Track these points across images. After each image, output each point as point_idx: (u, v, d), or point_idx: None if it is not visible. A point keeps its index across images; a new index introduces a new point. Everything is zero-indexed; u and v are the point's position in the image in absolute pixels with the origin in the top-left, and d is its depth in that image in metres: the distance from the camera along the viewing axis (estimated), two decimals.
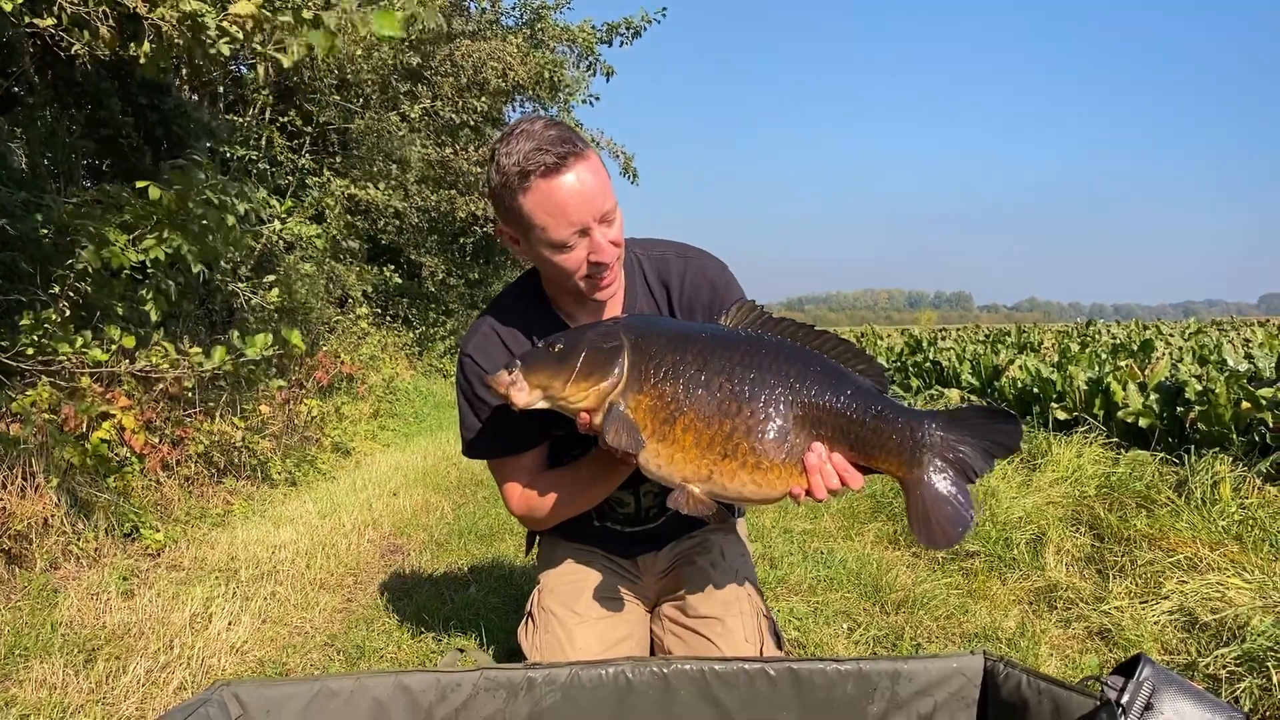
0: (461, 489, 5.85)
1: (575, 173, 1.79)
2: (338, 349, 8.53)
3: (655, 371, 1.67)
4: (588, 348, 1.70)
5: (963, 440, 1.67)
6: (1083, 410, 6.03)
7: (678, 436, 1.66)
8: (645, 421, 1.67)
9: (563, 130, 1.84)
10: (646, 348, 1.70)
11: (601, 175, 1.85)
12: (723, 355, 1.69)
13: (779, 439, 1.66)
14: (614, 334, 1.72)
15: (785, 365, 1.68)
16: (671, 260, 2.09)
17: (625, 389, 1.68)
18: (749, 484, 1.67)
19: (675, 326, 1.81)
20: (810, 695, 1.62)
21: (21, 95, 5.48)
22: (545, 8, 14.34)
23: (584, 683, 1.63)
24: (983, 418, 1.69)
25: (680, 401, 1.66)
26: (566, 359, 1.68)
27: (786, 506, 4.97)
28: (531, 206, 1.81)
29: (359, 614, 3.29)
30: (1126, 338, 12.41)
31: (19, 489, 3.64)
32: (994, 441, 1.68)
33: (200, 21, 2.84)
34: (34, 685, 2.49)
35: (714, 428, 1.65)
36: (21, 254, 4.35)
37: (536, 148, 1.78)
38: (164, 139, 6.07)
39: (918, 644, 2.92)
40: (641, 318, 1.91)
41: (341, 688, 1.59)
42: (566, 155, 1.78)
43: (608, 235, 1.85)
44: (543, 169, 1.78)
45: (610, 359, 1.68)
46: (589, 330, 1.75)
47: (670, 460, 1.67)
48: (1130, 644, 2.81)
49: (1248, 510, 3.79)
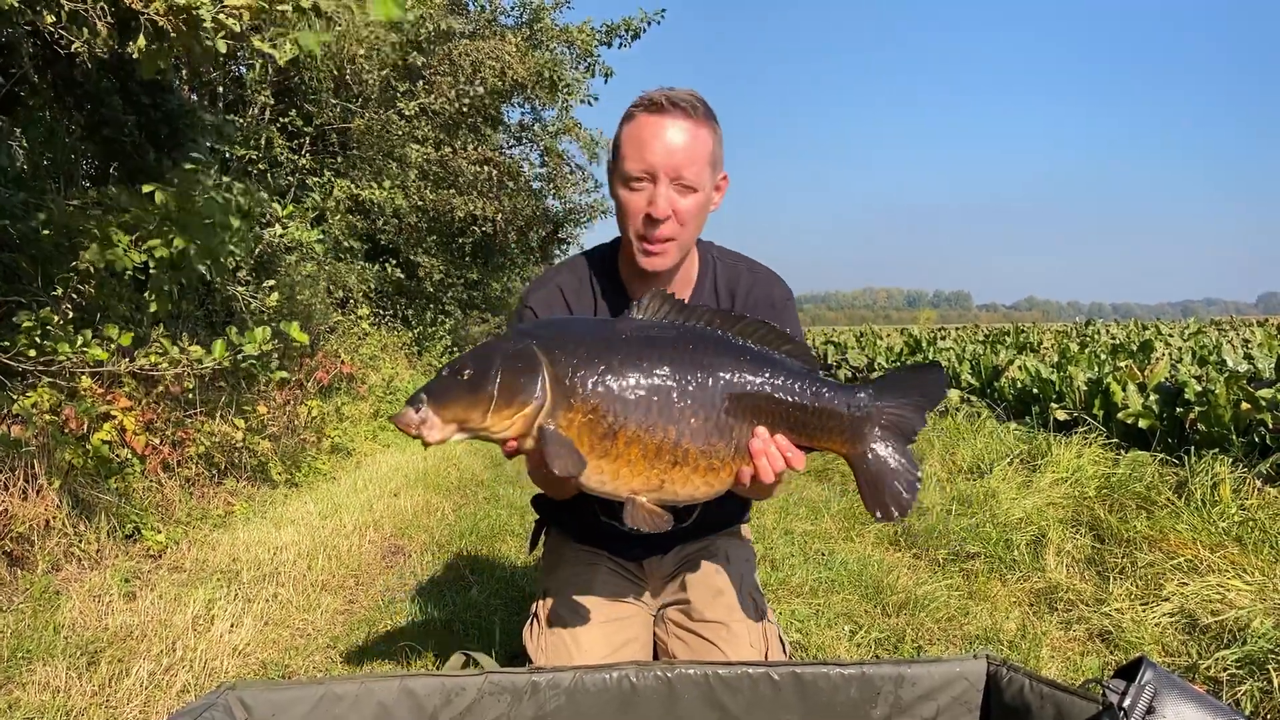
0: (462, 490, 5.85)
1: (675, 123, 1.84)
2: (338, 349, 8.54)
3: (583, 384, 1.55)
4: (502, 370, 1.54)
5: (894, 403, 1.68)
6: (1082, 411, 6.04)
7: (621, 450, 1.57)
8: (582, 438, 1.56)
9: (696, 98, 1.89)
10: (567, 359, 1.57)
11: (702, 146, 1.87)
12: (652, 356, 1.59)
13: (726, 436, 1.61)
14: (526, 349, 1.57)
15: (718, 358, 1.62)
16: (743, 273, 2.13)
17: (553, 408, 1.55)
18: (702, 486, 1.63)
19: (592, 329, 1.70)
20: (814, 699, 1.63)
21: (22, 95, 5.47)
22: (544, 7, 14.34)
23: (588, 687, 1.63)
24: (908, 374, 1.73)
25: (618, 413, 1.55)
26: (480, 386, 1.53)
27: (787, 508, 4.97)
28: (625, 134, 1.89)
29: (361, 616, 3.29)
30: (1126, 338, 12.43)
31: (20, 491, 3.64)
32: (923, 395, 1.71)
33: (195, 15, 2.82)
34: (37, 688, 2.49)
35: (659, 435, 1.57)
36: (22, 255, 4.35)
37: (663, 93, 1.86)
38: (167, 139, 6.05)
39: (919, 646, 2.93)
40: (551, 323, 1.79)
41: (346, 691, 1.59)
42: (676, 106, 1.84)
43: (675, 200, 1.86)
44: (648, 104, 1.86)
45: (529, 378, 1.54)
46: (497, 348, 1.60)
47: (616, 475, 1.58)
48: (1131, 646, 2.82)
49: (1248, 512, 3.80)
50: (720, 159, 1.95)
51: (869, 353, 13.50)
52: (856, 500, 5.10)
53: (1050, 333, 16.96)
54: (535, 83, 13.41)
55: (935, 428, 6.77)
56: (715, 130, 1.91)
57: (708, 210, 1.97)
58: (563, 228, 19.19)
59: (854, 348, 14.80)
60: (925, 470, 5.48)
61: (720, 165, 1.96)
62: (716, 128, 1.92)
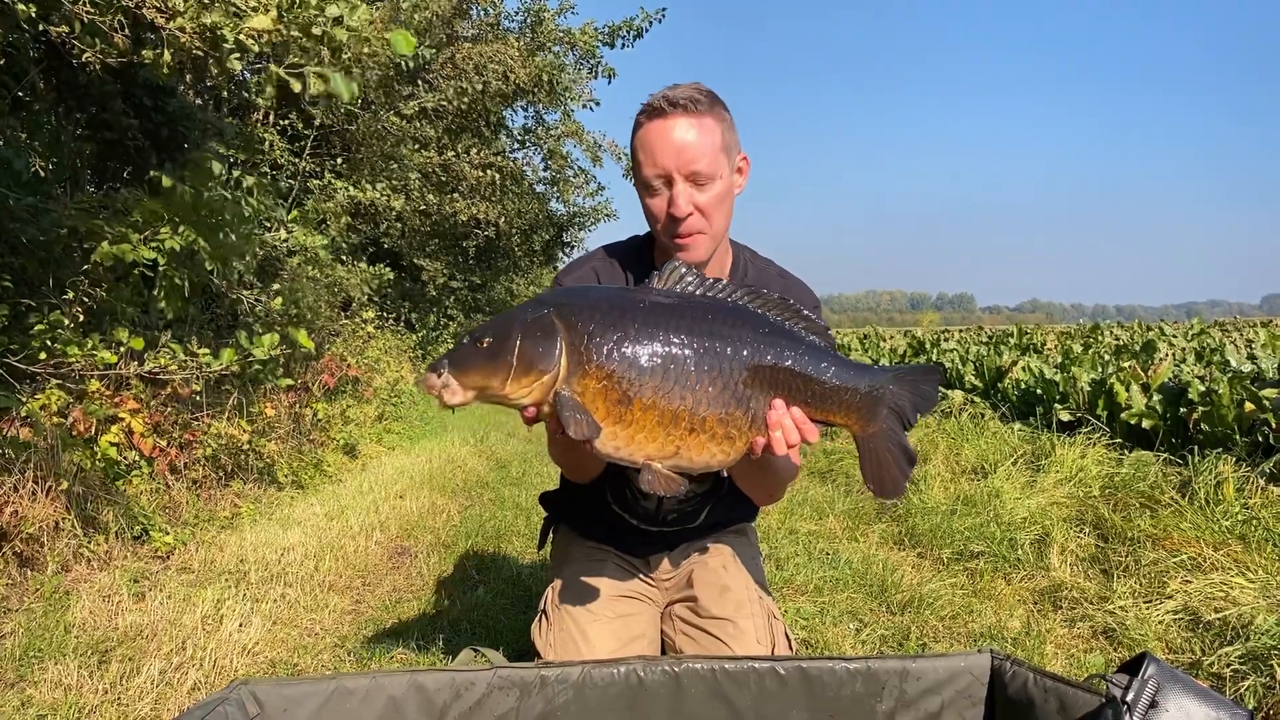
0: (467, 491, 5.87)
1: (679, 123, 1.87)
2: (343, 352, 8.55)
3: (598, 351, 1.56)
4: (520, 338, 1.57)
5: (903, 394, 1.72)
6: (1086, 411, 6.05)
7: (636, 417, 1.57)
8: (597, 405, 1.57)
9: (697, 91, 1.91)
10: (583, 326, 1.58)
11: (710, 138, 1.89)
12: (670, 324, 1.60)
13: (744, 405, 1.62)
14: (544, 318, 1.60)
15: (737, 328, 1.63)
16: (773, 277, 2.16)
17: (568, 375, 1.57)
18: (718, 454, 1.64)
19: (609, 297, 1.69)
20: (820, 694, 1.64)
21: (27, 100, 5.50)
22: (546, 11, 14.38)
23: (596, 681, 1.65)
24: (913, 371, 1.77)
25: (633, 380, 1.56)
26: (499, 355, 1.56)
27: (792, 508, 4.99)
28: (637, 143, 1.93)
29: (368, 615, 3.31)
30: (1130, 339, 12.43)
31: (30, 493, 3.67)
32: (924, 396, 1.75)
33: (219, 34, 2.85)
34: (49, 686, 2.51)
35: (675, 402, 1.57)
36: (30, 259, 4.38)
37: (666, 94, 1.89)
38: (168, 140, 6.08)
39: (924, 643, 2.94)
40: (570, 291, 1.79)
41: (357, 686, 1.61)
42: (677, 106, 1.87)
43: (693, 196, 1.89)
44: (651, 111, 1.89)
45: (547, 346, 1.56)
46: (516, 317, 1.62)
47: (630, 441, 1.59)
48: (1135, 643, 2.83)
49: (1251, 510, 3.81)
50: (735, 143, 1.97)
51: (873, 354, 13.52)
52: (861, 500, 5.12)
53: (1054, 334, 16.95)
54: (537, 86, 13.44)
55: (940, 428, 6.78)
56: (723, 117, 1.93)
57: (732, 196, 1.99)
58: (567, 230, 19.22)
59: (858, 349, 14.82)
60: (929, 470, 5.48)
61: (736, 148, 1.98)
62: (724, 114, 1.94)
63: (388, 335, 11.76)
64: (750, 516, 2.46)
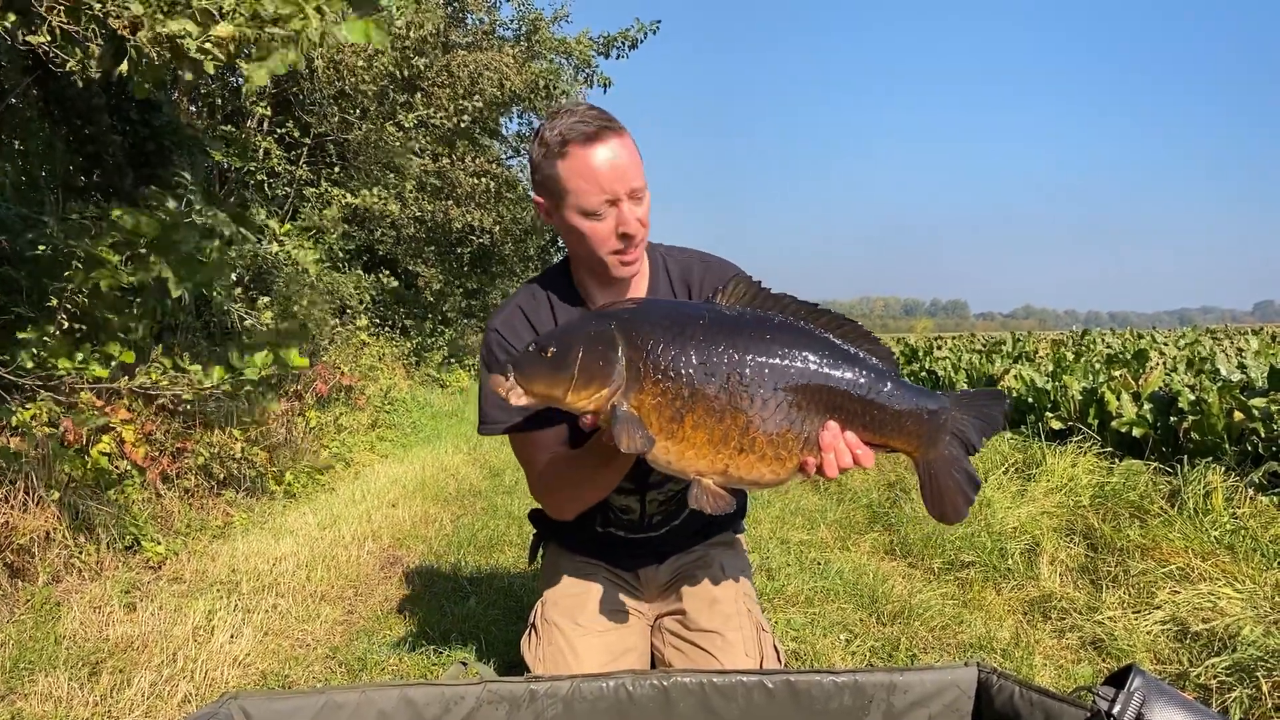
0: (460, 500, 5.87)
1: (610, 145, 1.90)
2: (337, 360, 8.55)
3: (655, 367, 1.60)
4: (583, 351, 1.61)
5: (966, 419, 1.73)
6: (1077, 420, 6.08)
7: (688, 434, 1.60)
8: (651, 419, 1.60)
9: (603, 112, 1.96)
10: (642, 342, 1.62)
11: (635, 155, 1.95)
12: (726, 342, 1.62)
13: (796, 427, 1.63)
14: (606, 332, 1.63)
15: (795, 348, 1.63)
16: (695, 264, 2.18)
17: (626, 389, 1.61)
18: (767, 473, 1.65)
19: (670, 313, 1.71)
20: (807, 707, 1.65)
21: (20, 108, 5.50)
22: (542, 20, 14.42)
23: (585, 695, 1.66)
24: (981, 397, 1.78)
25: (687, 397, 1.59)
26: (562, 366, 1.61)
27: (784, 518, 5.00)
28: (568, 172, 1.92)
29: (360, 626, 3.31)
30: (1121, 347, 12.47)
31: (20, 503, 3.66)
32: (988, 420, 1.76)
33: (180, 44, 2.85)
34: (39, 698, 2.51)
35: (726, 422, 1.59)
36: (18, 270, 4.37)
37: (578, 120, 1.91)
38: (153, 154, 6.07)
39: (913, 654, 2.95)
40: (634, 306, 1.81)
41: (347, 700, 1.62)
42: (604, 128, 1.90)
43: (636, 212, 1.93)
44: (581, 137, 1.90)
45: (608, 360, 1.60)
46: (579, 329, 1.66)
47: (681, 456, 1.62)
48: (1123, 654, 2.84)
49: (1240, 520, 3.83)
50: None
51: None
52: (852, 509, 5.13)
53: (1046, 341, 16.99)
54: (533, 93, 13.47)
55: None
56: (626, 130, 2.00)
57: None
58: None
59: None
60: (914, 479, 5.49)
61: None
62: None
63: (382, 342, 11.75)
64: (738, 521, 2.47)
